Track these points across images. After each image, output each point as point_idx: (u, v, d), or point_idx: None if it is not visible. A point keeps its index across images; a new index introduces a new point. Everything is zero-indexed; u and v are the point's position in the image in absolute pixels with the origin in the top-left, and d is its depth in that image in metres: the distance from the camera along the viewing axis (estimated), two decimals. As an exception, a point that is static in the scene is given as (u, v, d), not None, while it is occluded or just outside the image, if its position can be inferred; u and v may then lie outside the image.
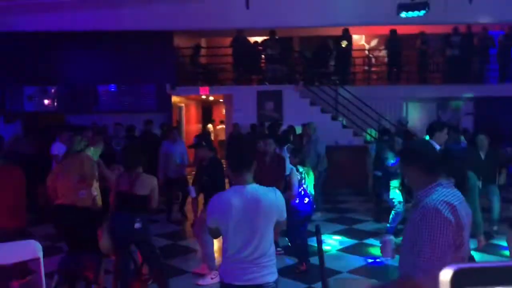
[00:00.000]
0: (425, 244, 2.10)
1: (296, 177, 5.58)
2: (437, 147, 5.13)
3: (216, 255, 5.61)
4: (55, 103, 13.92)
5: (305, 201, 5.65)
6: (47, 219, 6.66)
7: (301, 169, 5.65)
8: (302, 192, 5.61)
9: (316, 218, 7.73)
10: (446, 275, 0.62)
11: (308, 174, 5.77)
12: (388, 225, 6.93)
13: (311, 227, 6.13)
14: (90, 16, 11.88)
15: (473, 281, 0.61)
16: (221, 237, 2.96)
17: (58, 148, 7.81)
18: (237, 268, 2.82)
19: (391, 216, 6.87)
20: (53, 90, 14.00)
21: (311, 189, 5.78)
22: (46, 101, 14.13)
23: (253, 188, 2.89)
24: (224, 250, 2.90)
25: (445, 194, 2.24)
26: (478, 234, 4.51)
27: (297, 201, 5.62)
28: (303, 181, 5.62)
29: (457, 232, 2.14)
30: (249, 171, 2.91)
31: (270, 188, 2.94)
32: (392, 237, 2.83)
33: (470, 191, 4.05)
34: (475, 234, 4.35)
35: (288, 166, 6.16)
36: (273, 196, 2.89)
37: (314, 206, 6.09)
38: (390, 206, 7.03)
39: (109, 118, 11.18)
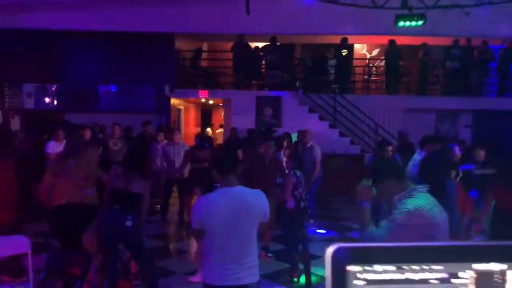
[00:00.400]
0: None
1: (291, 180, 5.60)
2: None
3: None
4: (55, 102, 13.97)
5: (301, 205, 5.67)
6: (41, 217, 6.69)
7: (298, 173, 5.68)
8: (299, 196, 5.63)
9: (309, 225, 7.77)
10: (328, 252, 0.67)
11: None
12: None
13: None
14: (92, 16, 11.97)
15: (353, 259, 0.66)
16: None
17: (53, 147, 7.80)
18: (221, 269, 2.86)
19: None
20: (53, 88, 14.05)
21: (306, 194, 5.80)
22: (46, 99, 14.18)
23: (240, 190, 2.95)
24: (208, 251, 2.93)
25: (417, 199, 2.43)
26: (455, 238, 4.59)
27: (291, 204, 5.63)
28: (300, 185, 5.65)
29: (427, 234, 2.30)
30: (235, 174, 2.97)
31: (256, 190, 3.02)
32: None
33: (448, 198, 4.15)
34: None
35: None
36: (258, 198, 2.97)
37: (309, 211, 6.11)
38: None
39: (108, 118, 11.21)
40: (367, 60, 14.85)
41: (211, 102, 16.06)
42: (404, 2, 8.70)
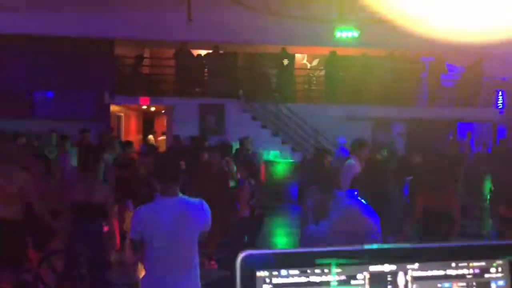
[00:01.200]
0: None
1: (247, 189, 5.65)
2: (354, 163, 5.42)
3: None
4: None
5: (255, 214, 5.74)
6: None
7: (252, 182, 5.73)
8: (254, 205, 5.69)
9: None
10: (238, 259, 0.73)
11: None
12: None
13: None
14: (30, 19, 11.49)
15: (262, 265, 0.73)
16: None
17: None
18: (160, 280, 2.83)
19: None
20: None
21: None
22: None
23: (181, 200, 2.93)
24: (147, 261, 2.90)
25: (350, 200, 2.84)
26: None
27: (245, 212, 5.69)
28: (255, 194, 5.70)
29: (358, 229, 2.68)
30: (177, 183, 2.95)
31: (197, 199, 3.00)
32: None
33: (392, 202, 4.44)
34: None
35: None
36: (200, 208, 2.95)
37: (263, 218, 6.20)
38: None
39: (45, 125, 10.78)
40: (308, 70, 15.24)
41: (153, 109, 15.83)
42: (340, 15, 9.08)
